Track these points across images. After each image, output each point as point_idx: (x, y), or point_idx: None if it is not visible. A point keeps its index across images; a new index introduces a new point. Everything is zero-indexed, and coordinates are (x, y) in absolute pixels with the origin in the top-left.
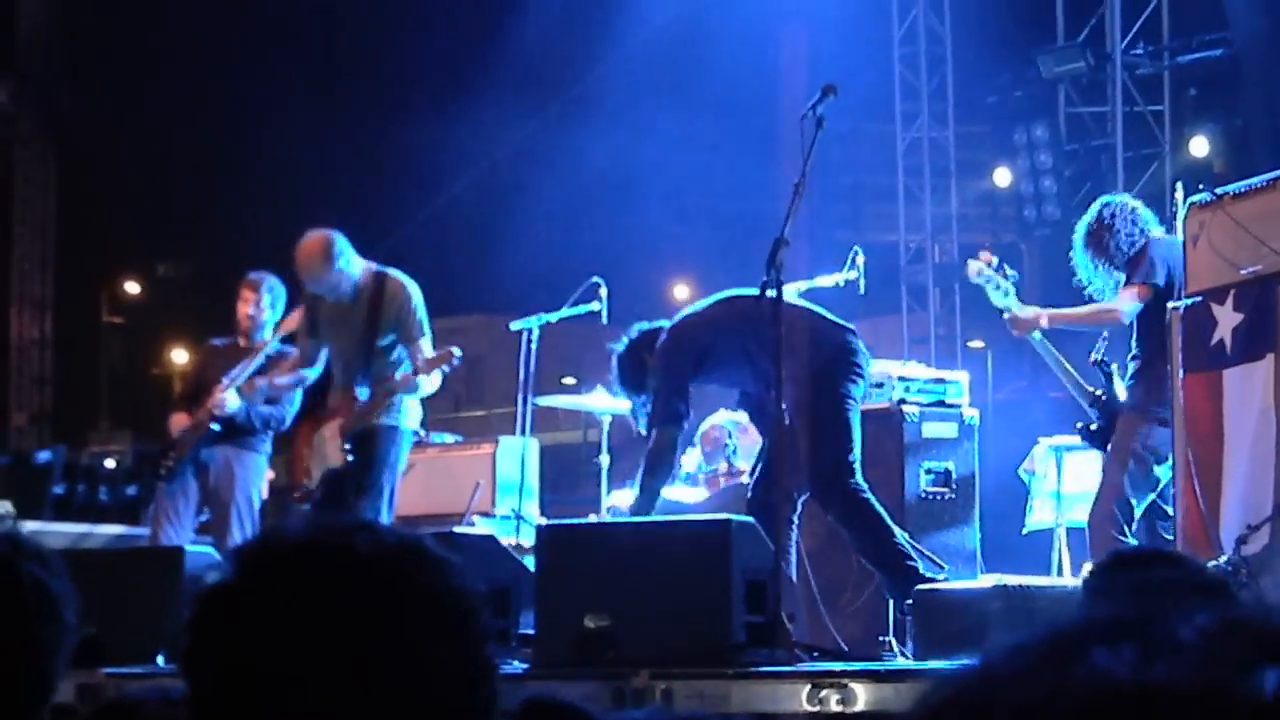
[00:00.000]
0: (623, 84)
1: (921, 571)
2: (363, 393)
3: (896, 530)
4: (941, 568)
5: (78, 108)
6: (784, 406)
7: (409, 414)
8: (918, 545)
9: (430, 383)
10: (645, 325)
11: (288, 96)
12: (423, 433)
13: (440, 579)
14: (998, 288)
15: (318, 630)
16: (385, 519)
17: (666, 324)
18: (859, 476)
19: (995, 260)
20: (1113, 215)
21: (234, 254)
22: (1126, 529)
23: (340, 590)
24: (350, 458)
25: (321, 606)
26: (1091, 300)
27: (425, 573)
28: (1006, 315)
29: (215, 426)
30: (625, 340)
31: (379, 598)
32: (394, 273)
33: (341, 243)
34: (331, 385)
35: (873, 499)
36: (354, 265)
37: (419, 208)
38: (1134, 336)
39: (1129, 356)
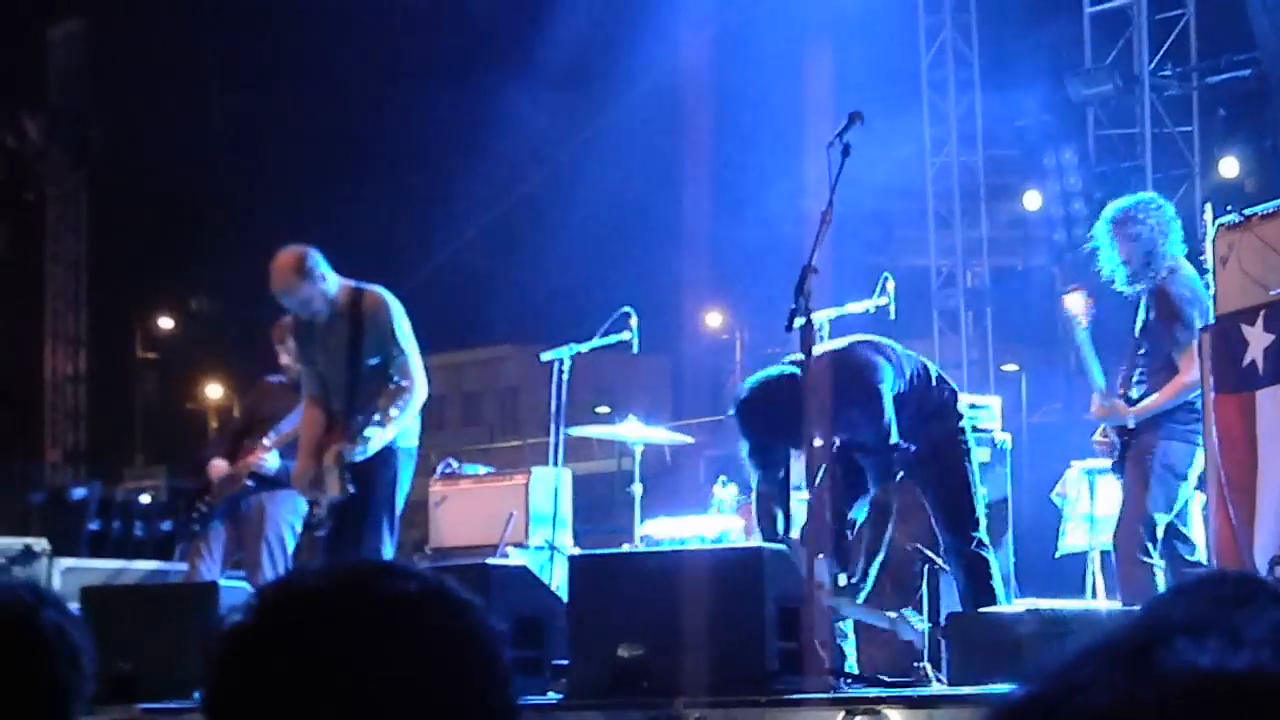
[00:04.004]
0: (650, 114)
1: None
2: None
3: (999, 580)
4: None
5: (109, 144)
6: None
7: (406, 433)
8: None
9: (417, 398)
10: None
11: (320, 131)
12: (455, 464)
13: (462, 622)
14: (1082, 328)
15: (337, 674)
16: (388, 544)
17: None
18: (983, 520)
19: (1092, 306)
20: (1145, 214)
21: (266, 288)
22: (1151, 548)
23: (360, 634)
24: (350, 488)
25: (341, 650)
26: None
27: (446, 616)
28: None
29: (250, 483)
30: (778, 386)
31: (399, 642)
32: (372, 288)
33: (316, 258)
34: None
35: (991, 558)
36: (330, 282)
37: (450, 241)
38: (1148, 353)
39: (1136, 380)
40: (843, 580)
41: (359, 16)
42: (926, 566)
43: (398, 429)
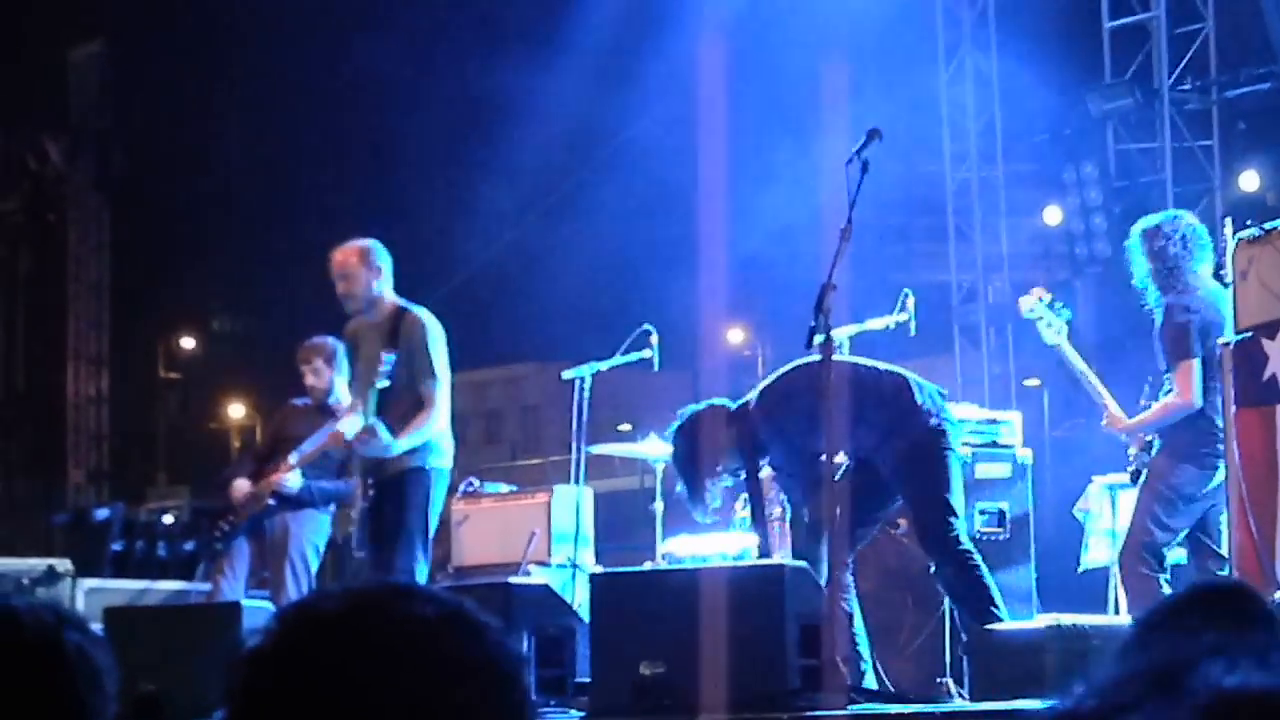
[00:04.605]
0: (669, 131)
1: None
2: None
3: (997, 596)
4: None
5: (130, 165)
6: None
7: (440, 453)
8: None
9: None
10: (711, 403)
11: (340, 150)
12: (476, 482)
13: (480, 646)
14: (1049, 325)
15: (355, 700)
16: (421, 564)
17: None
18: (961, 535)
19: (1048, 298)
20: (1172, 230)
21: (288, 308)
22: (1154, 564)
23: (378, 659)
24: (370, 493)
25: (359, 676)
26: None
27: (464, 640)
28: (1059, 349)
29: (272, 502)
30: (696, 421)
31: (417, 667)
32: (416, 309)
33: (383, 255)
34: None
35: (977, 563)
36: (386, 285)
37: (471, 258)
38: (1168, 375)
39: (1163, 392)
40: None
41: (380, 32)
42: None
43: (410, 443)
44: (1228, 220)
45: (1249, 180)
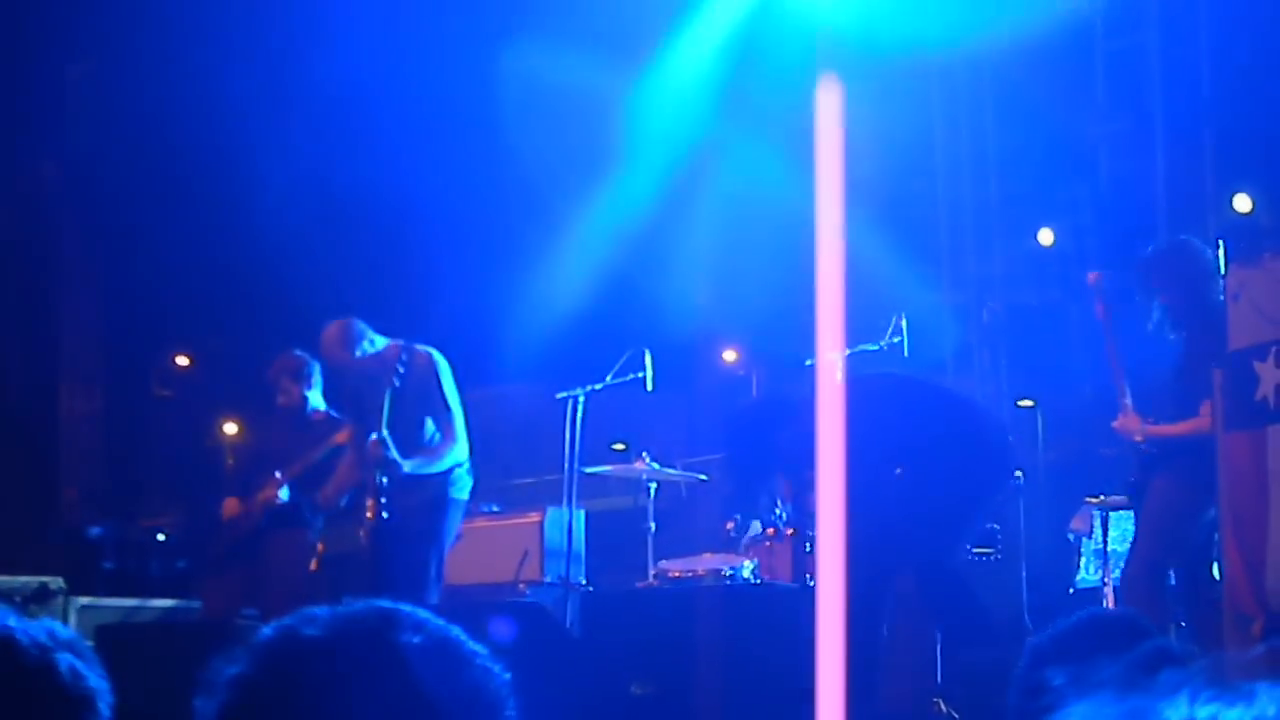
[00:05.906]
0: (661, 150)
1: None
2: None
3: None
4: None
5: (123, 183)
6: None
7: (461, 484)
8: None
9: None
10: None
11: (333, 169)
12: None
13: (467, 675)
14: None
15: None
16: (433, 588)
17: None
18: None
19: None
20: (1181, 257)
21: (284, 326)
22: (1162, 587)
23: (363, 687)
24: (385, 514)
25: (341, 704)
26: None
27: (452, 669)
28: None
29: (264, 520)
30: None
31: (400, 696)
32: (421, 348)
33: (358, 328)
34: None
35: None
36: (375, 343)
37: (464, 277)
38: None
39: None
40: None
41: (380, 45)
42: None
43: (426, 470)
44: (1220, 243)
45: (1243, 202)
